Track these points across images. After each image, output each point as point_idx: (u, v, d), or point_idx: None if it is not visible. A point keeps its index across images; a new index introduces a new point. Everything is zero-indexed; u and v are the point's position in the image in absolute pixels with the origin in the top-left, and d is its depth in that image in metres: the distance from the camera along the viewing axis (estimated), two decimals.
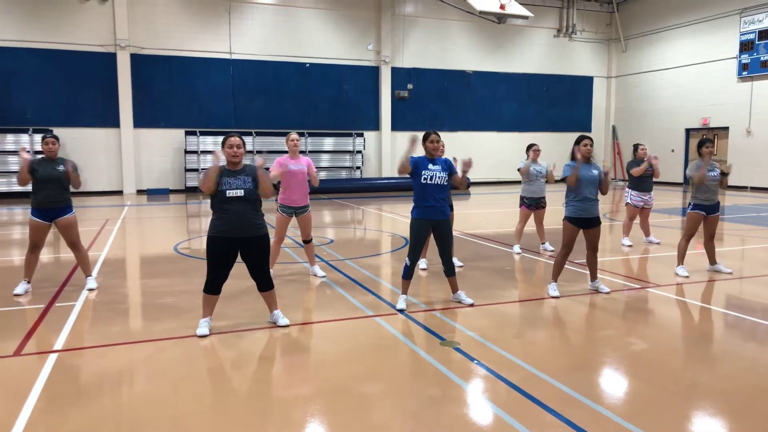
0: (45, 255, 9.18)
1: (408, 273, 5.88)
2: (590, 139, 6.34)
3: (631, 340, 5.00)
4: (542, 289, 6.64)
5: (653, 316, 5.76)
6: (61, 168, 6.40)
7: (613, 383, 4.16)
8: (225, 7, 21.34)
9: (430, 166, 5.74)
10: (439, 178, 5.71)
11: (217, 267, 5.02)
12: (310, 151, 21.95)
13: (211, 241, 5.00)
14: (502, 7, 19.20)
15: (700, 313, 5.89)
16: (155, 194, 20.60)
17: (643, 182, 9.50)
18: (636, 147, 9.76)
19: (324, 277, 7.25)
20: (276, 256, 7.18)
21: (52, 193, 6.36)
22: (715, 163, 7.48)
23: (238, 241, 4.99)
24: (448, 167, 5.85)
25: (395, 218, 13.82)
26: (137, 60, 20.38)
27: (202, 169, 20.76)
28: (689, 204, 7.44)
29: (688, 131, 23.94)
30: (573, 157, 6.35)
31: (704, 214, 7.34)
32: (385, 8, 23.29)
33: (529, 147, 9.01)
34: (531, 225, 9.30)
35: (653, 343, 4.96)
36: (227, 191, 4.91)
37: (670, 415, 3.59)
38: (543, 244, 9.15)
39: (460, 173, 5.88)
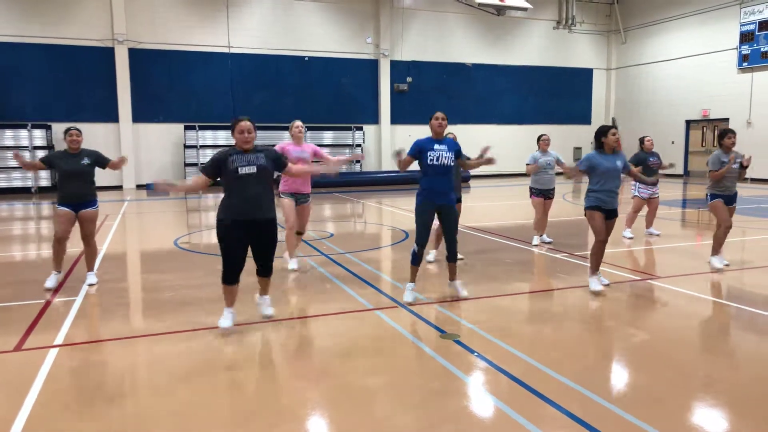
0: (46, 250, 9.18)
1: (416, 259, 5.73)
2: (616, 128, 6.02)
3: (632, 331, 5.00)
4: (542, 282, 6.64)
5: (654, 307, 5.76)
6: (85, 161, 6.37)
7: (614, 375, 4.16)
8: (223, 1, 21.26)
9: (436, 146, 5.56)
10: (445, 158, 5.53)
11: (232, 253, 4.75)
12: None
13: (222, 226, 4.72)
14: None
15: (701, 305, 5.88)
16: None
17: (649, 175, 9.24)
18: (642, 140, 9.54)
19: (297, 270, 7.09)
20: (293, 243, 7.14)
21: (77, 189, 6.37)
22: (739, 153, 7.17)
23: (249, 224, 4.73)
24: (455, 147, 5.70)
25: (395, 212, 13.82)
26: (135, 54, 20.32)
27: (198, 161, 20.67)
28: (707, 195, 7.19)
29: (688, 123, 23.91)
30: (597, 146, 6.09)
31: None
32: (383, 1, 23.20)
33: (539, 138, 8.82)
34: (528, 217, 9.22)
35: (654, 334, 4.95)
36: (239, 168, 4.63)
37: (672, 406, 3.59)
38: (541, 236, 9.04)
39: (474, 159, 5.89)
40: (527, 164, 8.78)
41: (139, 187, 20.74)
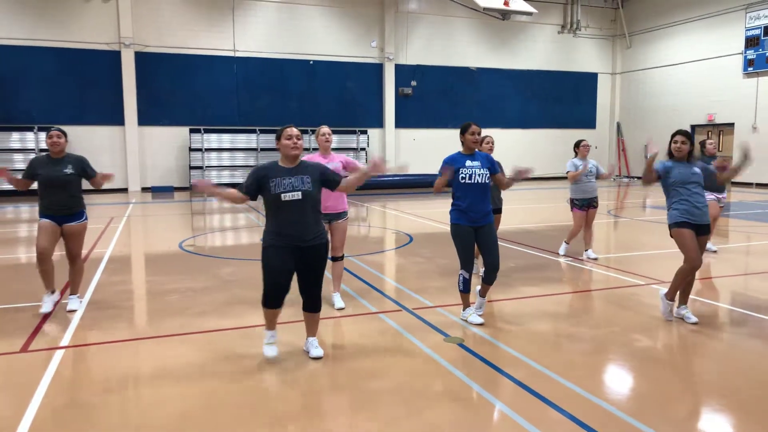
0: None
1: (467, 286, 5.23)
2: (683, 134, 5.30)
3: (637, 336, 4.99)
4: (547, 286, 6.63)
5: (658, 312, 5.74)
6: (68, 171, 5.53)
7: (619, 380, 4.16)
8: (229, 5, 21.35)
9: (468, 162, 5.09)
10: (479, 175, 5.04)
11: (276, 279, 4.30)
12: (314, 149, 21.95)
13: (266, 252, 4.30)
14: (506, 3, 19.16)
15: (706, 310, 5.86)
16: (160, 192, 20.66)
17: (710, 182, 8.26)
18: (703, 143, 8.42)
19: (343, 308, 5.86)
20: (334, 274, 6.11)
21: (59, 200, 5.56)
22: None
23: (295, 250, 4.29)
24: (490, 163, 5.22)
25: (399, 215, 13.83)
26: (141, 58, 20.42)
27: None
28: None
29: (693, 127, 23.84)
30: (670, 155, 5.37)
31: None
32: (388, 5, 23.26)
33: (578, 144, 8.25)
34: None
35: (659, 339, 4.95)
36: (282, 195, 4.15)
37: (676, 411, 3.58)
38: (587, 251, 8.21)
39: (507, 176, 5.22)
40: (568, 171, 8.15)
41: (144, 189, 20.81)
